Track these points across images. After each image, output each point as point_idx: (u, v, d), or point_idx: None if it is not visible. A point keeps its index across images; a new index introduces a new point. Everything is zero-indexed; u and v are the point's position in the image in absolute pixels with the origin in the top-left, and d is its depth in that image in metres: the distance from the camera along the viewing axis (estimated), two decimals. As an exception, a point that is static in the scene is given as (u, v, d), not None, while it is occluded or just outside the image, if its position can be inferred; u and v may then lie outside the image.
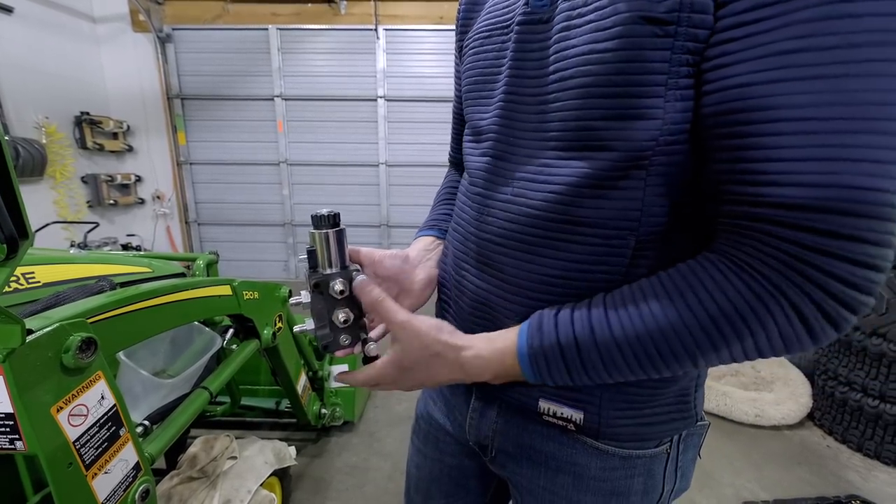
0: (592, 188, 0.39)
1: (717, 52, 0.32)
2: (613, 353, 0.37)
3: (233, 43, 4.01)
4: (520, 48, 0.43)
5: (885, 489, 1.69)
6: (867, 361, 1.84)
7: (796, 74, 0.29)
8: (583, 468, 0.48)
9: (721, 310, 0.33)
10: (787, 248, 0.30)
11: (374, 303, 0.44)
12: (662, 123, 0.35)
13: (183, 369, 1.03)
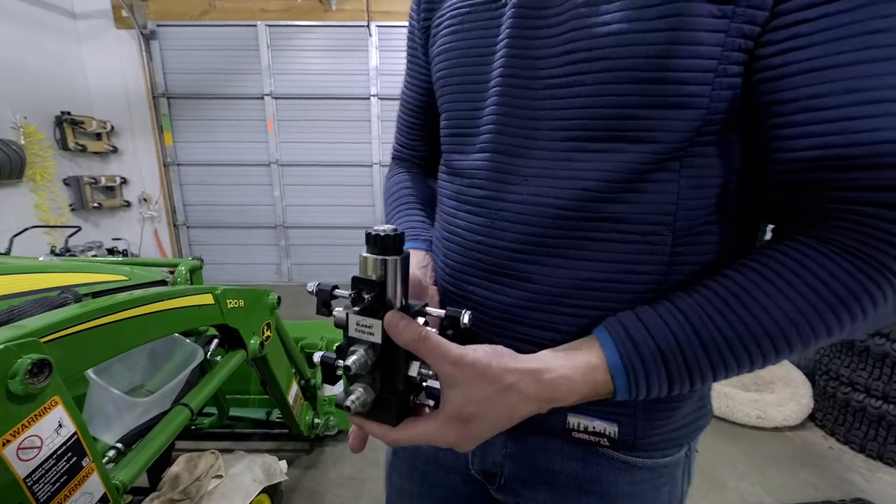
0: (628, 182, 0.36)
1: (787, 35, 0.30)
2: (724, 353, 0.33)
3: (220, 40, 3.91)
4: (520, 24, 0.38)
5: (889, 491, 1.67)
6: (870, 362, 1.82)
7: (886, 55, 0.28)
8: (609, 485, 0.44)
9: (837, 296, 0.31)
10: (888, 227, 0.30)
11: (417, 341, 0.33)
12: (707, 113, 0.33)
13: (162, 384, 0.96)
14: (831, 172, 0.31)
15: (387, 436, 0.36)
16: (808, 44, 0.29)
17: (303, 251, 4.42)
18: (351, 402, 0.34)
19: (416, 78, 0.56)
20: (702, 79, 0.32)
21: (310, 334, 1.87)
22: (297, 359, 1.60)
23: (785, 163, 0.33)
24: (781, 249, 0.33)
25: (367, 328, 0.34)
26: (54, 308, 0.66)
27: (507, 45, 0.39)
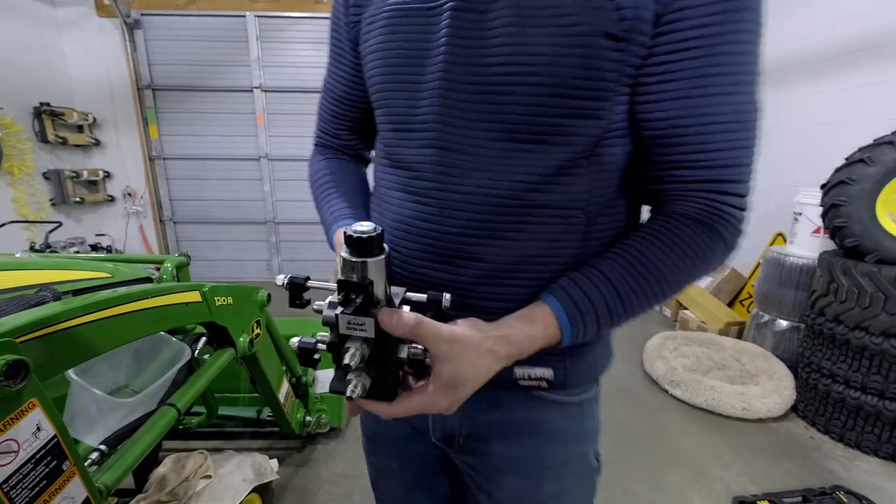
0: (552, 176, 0.45)
1: (661, 70, 0.42)
2: (635, 303, 0.45)
3: (208, 30, 3.82)
4: (455, 34, 0.43)
5: (866, 478, 1.71)
6: (850, 354, 1.86)
7: (715, 90, 0.41)
8: (549, 424, 0.54)
9: (696, 253, 0.45)
10: (719, 206, 0.45)
11: (414, 328, 0.37)
12: (608, 123, 0.44)
13: (148, 384, 0.94)
14: (687, 171, 0.44)
15: (385, 411, 0.40)
16: (672, 79, 0.42)
17: (294, 247, 4.37)
18: (351, 390, 0.36)
19: (342, 69, 0.58)
20: (605, 96, 0.42)
21: (301, 331, 1.83)
22: (288, 356, 1.58)
23: (659, 163, 0.46)
24: (661, 224, 0.46)
25: (360, 325, 0.36)
26: (31, 307, 0.63)
27: (446, 51, 0.44)
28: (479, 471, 0.57)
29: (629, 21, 0.39)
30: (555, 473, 0.55)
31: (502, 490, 0.56)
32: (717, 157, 0.43)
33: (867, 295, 1.77)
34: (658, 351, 2.55)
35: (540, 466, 0.54)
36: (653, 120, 0.44)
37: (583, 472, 0.57)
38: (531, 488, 0.55)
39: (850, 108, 2.47)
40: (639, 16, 0.39)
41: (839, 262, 1.89)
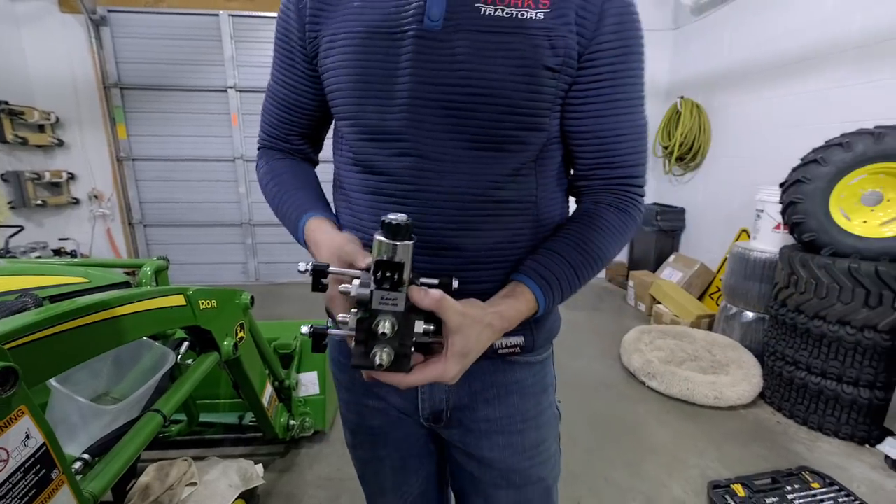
0: (511, 176, 0.55)
1: (583, 95, 0.55)
2: (584, 275, 0.56)
3: (179, 29, 3.71)
4: (419, 58, 0.50)
5: (828, 458, 1.83)
6: (810, 342, 1.97)
7: (624, 111, 0.56)
8: (522, 382, 0.64)
9: (619, 231, 0.58)
10: (631, 196, 0.59)
11: (439, 301, 0.45)
12: (548, 134, 0.56)
13: (130, 391, 0.92)
14: (606, 170, 0.58)
15: (403, 381, 0.46)
16: (592, 101, 0.55)
17: (271, 249, 4.29)
18: (380, 360, 0.42)
19: (294, 79, 0.62)
20: (545, 113, 0.54)
21: (283, 334, 1.83)
22: (271, 359, 1.56)
23: (584, 165, 0.59)
24: (592, 211, 0.58)
25: (392, 301, 0.42)
26: (13, 313, 0.62)
27: (413, 72, 0.50)
28: (467, 439, 0.64)
29: (561, 57, 0.51)
30: (533, 424, 0.65)
31: (492, 450, 0.63)
32: (627, 160, 0.58)
33: (824, 286, 1.89)
34: (634, 345, 2.64)
35: (521, 420, 0.64)
36: (579, 131, 0.57)
37: (552, 420, 0.69)
38: (517, 441, 0.64)
39: (805, 111, 2.62)
40: (568, 54, 0.51)
41: (798, 255, 2.01)
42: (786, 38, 2.71)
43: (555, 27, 0.50)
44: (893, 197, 1.89)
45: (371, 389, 0.65)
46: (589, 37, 0.51)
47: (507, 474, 0.64)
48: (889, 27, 2.14)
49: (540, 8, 0.49)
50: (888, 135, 1.78)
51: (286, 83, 0.63)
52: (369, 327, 0.42)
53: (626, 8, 0.53)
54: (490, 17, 0.49)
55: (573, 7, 0.50)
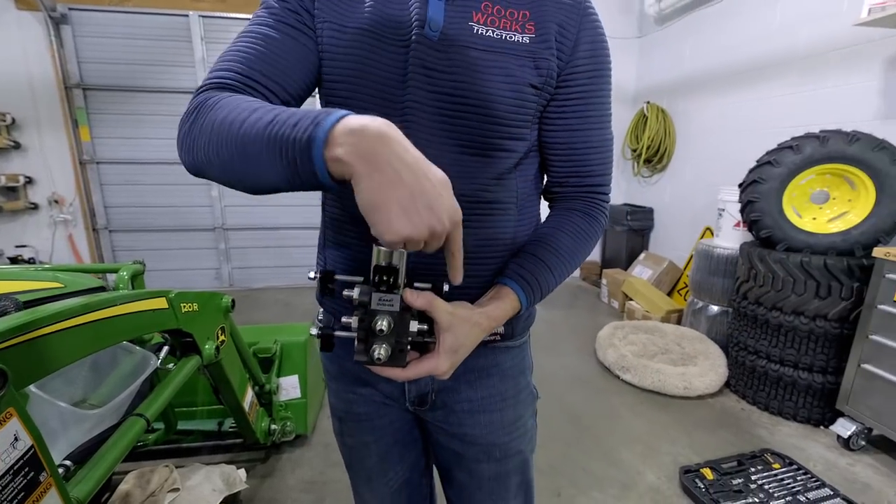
0: (496, 179, 0.59)
1: (560, 110, 0.61)
2: (561, 277, 0.62)
3: (147, 29, 3.60)
4: (418, 64, 0.54)
5: (787, 440, 1.96)
6: (769, 332, 2.10)
7: (594, 126, 0.62)
8: (501, 365, 0.69)
9: (588, 235, 0.64)
10: (598, 203, 0.66)
11: (430, 301, 0.49)
12: (528, 143, 0.61)
13: (108, 397, 0.90)
14: (577, 178, 0.65)
15: (400, 375, 0.50)
16: (566, 116, 0.61)
17: (245, 254, 4.20)
18: (378, 355, 0.47)
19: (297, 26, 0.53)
20: (528, 125, 0.59)
21: (262, 339, 1.81)
22: (252, 363, 1.55)
23: (558, 173, 0.65)
24: (564, 217, 0.65)
25: (388, 302, 0.47)
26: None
27: (412, 78, 0.54)
28: (451, 418, 0.69)
29: (544, 77, 0.57)
30: (512, 403, 0.70)
31: (474, 427, 0.68)
32: (595, 170, 0.64)
33: (779, 279, 2.03)
34: (609, 340, 2.73)
35: (500, 399, 0.69)
36: (555, 143, 0.63)
37: (529, 399, 0.74)
38: (497, 419, 0.69)
39: (759, 116, 2.80)
40: (550, 74, 0.57)
41: (756, 251, 2.14)
42: (740, 48, 2.89)
43: (538, 50, 0.55)
44: (838, 195, 2.05)
45: (360, 377, 0.68)
46: (566, 59, 0.58)
47: (488, 449, 0.69)
48: (829, 40, 2.32)
49: (526, 33, 0.55)
50: (832, 138, 1.93)
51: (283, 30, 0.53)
52: (369, 326, 0.47)
53: (598, 35, 0.60)
54: (482, 36, 0.54)
55: (553, 33, 0.56)
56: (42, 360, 0.58)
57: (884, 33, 2.04)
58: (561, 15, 0.57)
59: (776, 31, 2.62)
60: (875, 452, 1.85)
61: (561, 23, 0.56)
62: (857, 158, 1.89)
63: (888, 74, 2.08)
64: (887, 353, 1.70)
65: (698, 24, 3.25)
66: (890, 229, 1.86)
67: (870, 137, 1.88)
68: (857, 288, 1.86)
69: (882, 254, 1.70)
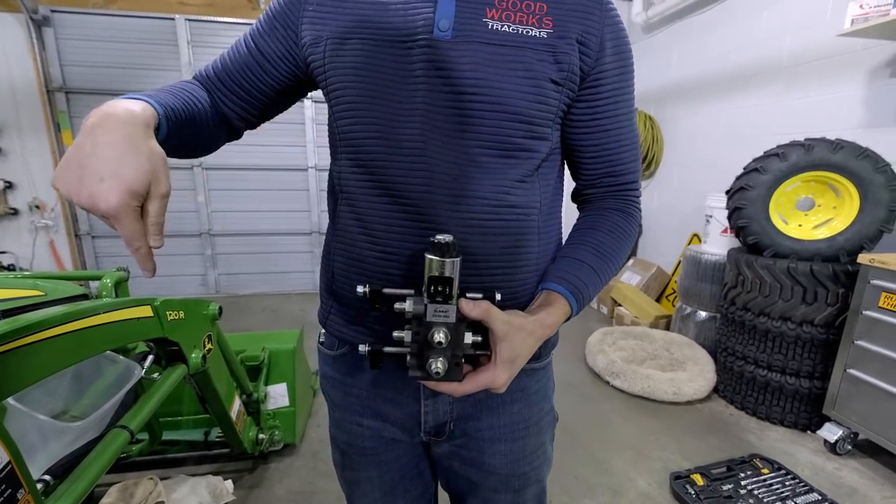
0: (518, 182, 0.56)
1: (591, 111, 0.59)
2: (606, 278, 0.61)
3: (132, 32, 3.55)
4: (431, 66, 0.52)
5: (775, 445, 1.98)
6: (756, 337, 2.13)
7: (625, 124, 0.61)
8: (526, 389, 0.65)
9: (627, 233, 0.63)
10: (632, 200, 0.65)
11: (486, 311, 0.48)
12: (551, 144, 0.59)
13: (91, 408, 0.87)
14: (611, 178, 0.63)
15: (458, 390, 0.50)
16: (599, 117, 0.59)
17: (231, 260, 4.14)
18: (436, 369, 0.46)
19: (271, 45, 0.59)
20: (550, 124, 0.57)
21: (249, 346, 1.78)
22: (239, 372, 1.52)
23: (592, 174, 0.64)
24: (600, 217, 0.63)
25: (444, 313, 0.46)
26: (-30, 327, 0.58)
27: (425, 80, 0.52)
28: (469, 446, 0.64)
29: (565, 72, 0.55)
30: (535, 430, 0.67)
31: (494, 457, 0.64)
32: (627, 168, 0.63)
33: (767, 285, 2.06)
34: (598, 346, 2.74)
35: (524, 427, 0.65)
36: (586, 144, 0.61)
37: (551, 423, 0.71)
38: (519, 448, 0.65)
39: (745, 123, 2.85)
40: (571, 69, 0.55)
41: (743, 257, 2.17)
42: (726, 56, 2.95)
43: (558, 44, 0.53)
44: (823, 202, 2.09)
45: (368, 407, 0.64)
46: (594, 57, 0.56)
47: (507, 480, 0.66)
48: (814, 50, 2.38)
49: (543, 28, 0.53)
50: (816, 146, 1.98)
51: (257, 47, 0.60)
52: (424, 339, 0.46)
53: (620, 32, 0.58)
54: (497, 31, 0.52)
55: (575, 31, 0.54)
56: (21, 372, 0.56)
57: (866, 44, 2.09)
58: (582, 13, 0.55)
59: (761, 41, 2.68)
60: (861, 457, 1.88)
61: (583, 22, 0.54)
62: (842, 166, 1.93)
63: (871, 84, 2.14)
64: (872, 359, 1.73)
65: (685, 32, 3.32)
66: (874, 236, 1.90)
67: (853, 145, 1.93)
68: (842, 294, 1.90)
69: (867, 260, 1.74)
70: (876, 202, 1.89)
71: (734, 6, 2.87)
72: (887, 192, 1.87)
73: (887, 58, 2.05)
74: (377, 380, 0.63)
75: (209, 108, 0.61)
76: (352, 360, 0.64)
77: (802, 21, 2.44)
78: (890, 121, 2.05)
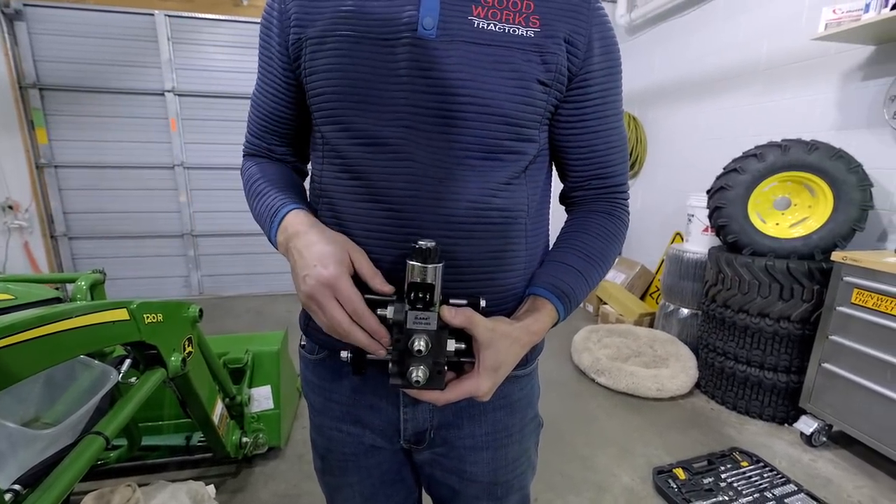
0: (504, 185, 0.55)
1: (579, 113, 0.58)
2: (592, 281, 0.60)
3: (110, 28, 3.46)
4: (414, 65, 0.50)
5: (754, 438, 2.03)
6: (736, 333, 2.18)
7: (613, 125, 0.61)
8: (509, 396, 0.63)
9: (616, 236, 0.62)
10: (621, 203, 0.64)
11: (469, 318, 0.48)
12: (538, 145, 0.57)
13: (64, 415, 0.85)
14: (600, 180, 0.63)
15: (440, 398, 0.49)
16: (587, 118, 0.59)
17: (215, 261, 4.07)
18: (416, 377, 0.45)
19: (272, 86, 0.60)
20: (537, 126, 0.56)
21: (232, 349, 1.75)
22: (221, 375, 1.50)
23: (580, 176, 0.63)
24: (589, 219, 0.63)
25: (424, 320, 0.45)
26: (-68, 333, 0.56)
27: (408, 80, 0.51)
28: (451, 456, 0.63)
29: (553, 73, 0.54)
30: (518, 438, 0.66)
31: (475, 465, 0.63)
32: (616, 170, 0.63)
33: (746, 282, 2.10)
34: (584, 344, 2.77)
35: (506, 435, 0.64)
36: (574, 146, 0.60)
37: (535, 430, 0.70)
38: (502, 456, 0.64)
39: (725, 124, 2.91)
40: (558, 70, 0.54)
41: (723, 255, 2.22)
42: (706, 59, 3.01)
43: (545, 44, 0.52)
44: (799, 202, 2.15)
45: (349, 413, 0.63)
46: (581, 57, 0.55)
47: (489, 487, 0.65)
48: (790, 54, 2.44)
49: (530, 27, 0.52)
50: (792, 147, 2.03)
51: (266, 91, 0.61)
52: (405, 347, 0.45)
53: (608, 32, 0.57)
54: (483, 30, 0.50)
55: (563, 31, 0.53)
56: (-14, 379, 0.54)
57: (839, 48, 2.16)
58: (570, 13, 0.53)
59: (740, 44, 2.74)
60: (835, 448, 1.94)
61: (571, 21, 0.53)
62: (816, 166, 1.99)
63: (844, 87, 2.20)
64: (846, 353, 1.79)
65: (667, 35, 3.37)
66: (847, 234, 1.97)
67: (827, 146, 1.99)
68: (817, 290, 1.95)
69: (840, 258, 1.79)
70: (849, 201, 1.95)
71: (714, 10, 2.93)
72: (859, 192, 1.93)
73: (859, 61, 2.12)
74: (357, 386, 0.62)
75: (296, 176, 0.68)
76: (332, 365, 0.63)
77: (779, 25, 2.50)
78: (862, 123, 2.12)
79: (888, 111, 1.98)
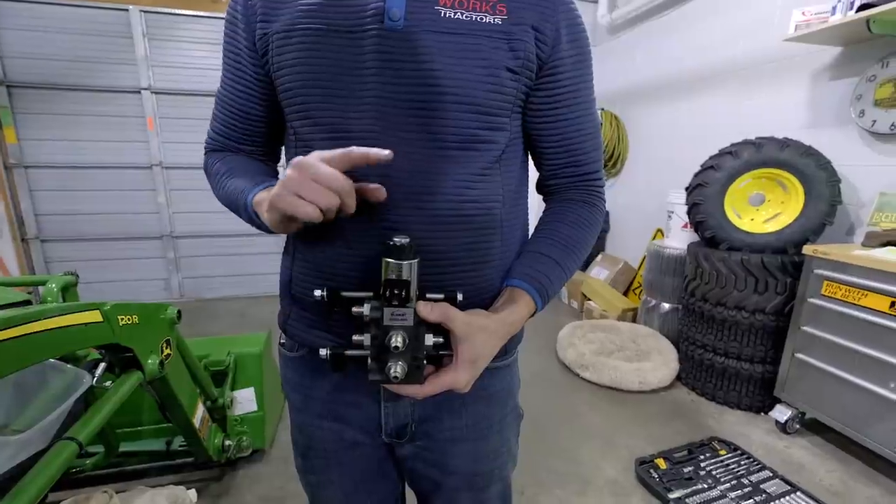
0: (478, 175, 0.55)
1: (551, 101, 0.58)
2: (569, 269, 0.60)
3: (82, 23, 3.35)
4: (383, 57, 0.50)
5: (733, 427, 2.09)
6: (714, 326, 2.24)
7: (584, 113, 0.61)
8: (488, 387, 0.64)
9: (591, 224, 0.63)
10: (595, 190, 0.64)
11: (444, 312, 0.48)
12: (509, 134, 0.57)
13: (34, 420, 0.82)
14: (573, 168, 0.63)
15: (419, 392, 0.49)
16: (558, 107, 0.59)
17: (195, 263, 3.99)
18: (395, 373, 0.45)
19: (242, 83, 0.60)
20: (508, 114, 0.56)
21: (214, 351, 1.72)
22: (202, 378, 1.47)
23: (553, 165, 0.63)
24: (565, 208, 0.63)
25: (401, 316, 0.46)
26: None
27: (377, 72, 0.50)
28: (432, 449, 0.64)
29: (521, 60, 0.53)
30: (497, 429, 0.66)
31: (456, 457, 0.64)
32: (589, 157, 0.63)
33: (723, 276, 2.16)
34: (568, 339, 2.81)
35: (487, 426, 0.65)
36: (547, 135, 0.60)
37: (514, 421, 0.70)
38: (482, 447, 0.65)
39: (702, 123, 2.98)
40: (527, 57, 0.54)
41: (702, 250, 2.27)
42: (685, 59, 3.07)
43: (513, 31, 0.52)
44: (772, 198, 2.21)
45: (329, 409, 0.63)
46: (550, 45, 0.55)
47: (470, 479, 0.66)
48: (763, 54, 2.51)
49: (497, 14, 0.52)
50: (766, 145, 2.09)
51: (236, 89, 0.60)
52: (382, 343, 0.45)
53: (576, 20, 0.57)
54: (450, 19, 0.50)
55: (530, 19, 0.53)
56: (-52, 384, 0.52)
57: (809, 49, 2.23)
58: (537, 2, 0.53)
59: (717, 44, 2.81)
60: (808, 435, 2.01)
61: (538, 9, 0.53)
62: (788, 163, 2.05)
63: (814, 87, 2.27)
64: (817, 343, 1.85)
65: (647, 34, 3.43)
66: (817, 228, 2.03)
67: (799, 144, 2.05)
68: (790, 283, 2.02)
69: (810, 251, 1.86)
70: (819, 197, 2.02)
71: (692, 11, 3.00)
72: (828, 188, 2.00)
73: (827, 62, 2.19)
74: (337, 382, 0.62)
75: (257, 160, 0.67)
76: (311, 362, 0.62)
77: (753, 27, 2.57)
78: (831, 121, 2.19)
79: (854, 110, 2.05)
